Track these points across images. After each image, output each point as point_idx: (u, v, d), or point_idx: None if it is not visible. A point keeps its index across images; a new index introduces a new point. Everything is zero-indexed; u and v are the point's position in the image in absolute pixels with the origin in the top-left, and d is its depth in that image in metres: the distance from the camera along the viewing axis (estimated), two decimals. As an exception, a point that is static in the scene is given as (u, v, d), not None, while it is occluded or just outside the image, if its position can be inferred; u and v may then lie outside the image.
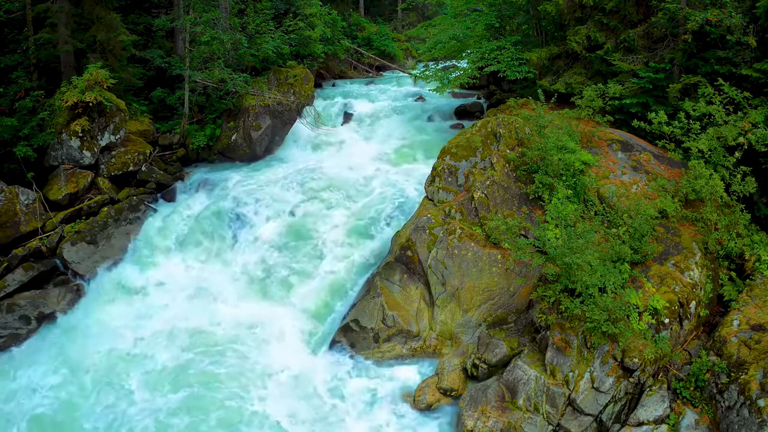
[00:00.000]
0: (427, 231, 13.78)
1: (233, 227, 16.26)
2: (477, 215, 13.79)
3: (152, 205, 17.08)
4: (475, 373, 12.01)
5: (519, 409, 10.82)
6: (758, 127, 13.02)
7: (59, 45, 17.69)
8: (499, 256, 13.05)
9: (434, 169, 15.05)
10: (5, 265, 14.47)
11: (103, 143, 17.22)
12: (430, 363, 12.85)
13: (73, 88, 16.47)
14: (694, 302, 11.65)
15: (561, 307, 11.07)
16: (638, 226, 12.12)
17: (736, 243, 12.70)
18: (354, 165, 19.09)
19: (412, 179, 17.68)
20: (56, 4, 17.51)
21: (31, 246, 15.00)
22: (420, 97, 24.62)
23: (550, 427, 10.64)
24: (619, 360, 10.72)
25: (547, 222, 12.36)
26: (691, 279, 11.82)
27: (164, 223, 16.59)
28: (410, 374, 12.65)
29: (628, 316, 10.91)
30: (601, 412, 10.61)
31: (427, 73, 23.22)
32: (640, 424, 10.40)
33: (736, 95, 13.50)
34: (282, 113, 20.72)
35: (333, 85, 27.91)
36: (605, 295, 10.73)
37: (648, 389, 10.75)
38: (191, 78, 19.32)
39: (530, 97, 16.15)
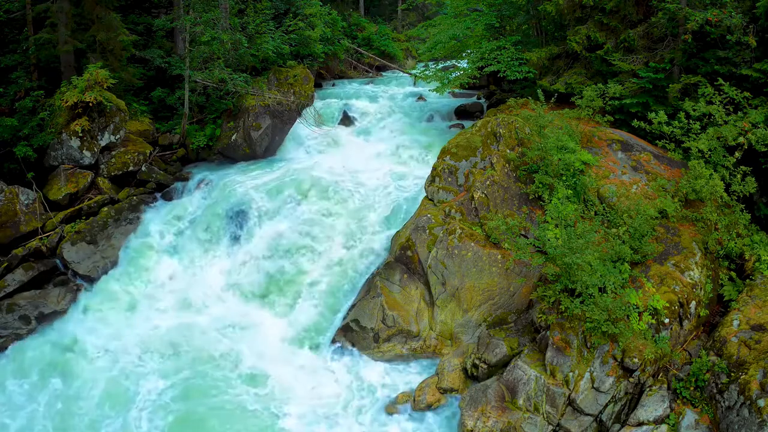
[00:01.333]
0: (427, 231, 13.78)
1: (232, 228, 16.24)
2: (477, 215, 13.79)
3: (152, 205, 17.07)
4: (475, 373, 12.01)
5: (519, 409, 10.82)
6: (758, 127, 13.02)
7: (59, 45, 17.68)
8: (499, 256, 13.05)
9: (434, 169, 15.05)
10: (5, 265, 14.47)
11: (103, 143, 17.22)
12: (430, 363, 12.86)
13: (73, 88, 16.47)
14: (694, 302, 11.65)
15: (561, 307, 11.07)
16: (638, 226, 12.12)
17: (736, 243, 12.70)
18: (354, 165, 19.10)
19: (411, 179, 17.69)
20: (56, 4, 17.52)
21: (31, 246, 15.00)
22: (420, 97, 24.63)
23: (550, 427, 10.64)
24: (619, 360, 10.72)
25: (547, 222, 12.36)
26: (691, 279, 11.82)
27: (163, 223, 16.57)
28: (410, 374, 12.66)
29: (628, 316, 10.91)
30: (601, 412, 10.62)
31: (427, 73, 23.23)
32: (640, 424, 10.40)
33: (736, 95, 13.49)
34: (282, 113, 20.71)
35: (333, 85, 27.92)
36: (605, 295, 10.73)
37: (648, 389, 10.75)
38: (191, 78, 19.32)
39: (530, 97, 16.15)
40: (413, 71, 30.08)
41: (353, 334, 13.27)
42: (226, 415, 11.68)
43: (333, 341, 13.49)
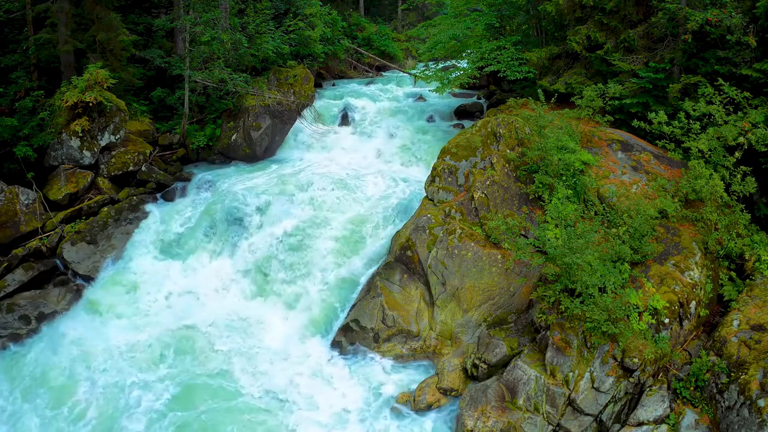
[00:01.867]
0: (427, 231, 13.78)
1: (232, 228, 16.23)
2: (477, 215, 13.79)
3: (152, 205, 17.05)
4: (475, 373, 12.01)
5: (519, 409, 10.82)
6: (758, 127, 13.01)
7: (59, 45, 17.69)
8: (499, 256, 13.05)
9: (434, 169, 15.05)
10: (5, 265, 14.47)
11: (103, 143, 17.23)
12: (430, 363, 12.86)
13: (73, 88, 16.48)
14: (694, 302, 11.65)
15: (561, 307, 11.07)
16: (638, 226, 12.12)
17: (736, 243, 12.69)
18: (354, 165, 19.11)
19: (411, 179, 17.69)
20: (56, 4, 17.53)
21: (31, 246, 15.01)
22: (420, 97, 24.62)
23: (550, 427, 10.64)
24: (619, 360, 10.71)
25: (547, 222, 12.36)
26: (691, 279, 11.82)
27: (164, 223, 16.56)
28: (410, 374, 12.65)
29: (628, 316, 10.91)
30: (601, 412, 10.61)
31: (428, 73, 23.23)
32: (640, 424, 10.40)
33: (736, 95, 13.49)
34: (282, 113, 20.72)
35: (333, 85, 27.91)
36: (605, 295, 10.73)
37: (648, 389, 10.75)
38: (191, 78, 19.32)
39: (530, 97, 16.15)
40: (413, 71, 30.05)
41: (353, 334, 13.26)
42: (228, 420, 11.64)
43: (333, 341, 13.49)
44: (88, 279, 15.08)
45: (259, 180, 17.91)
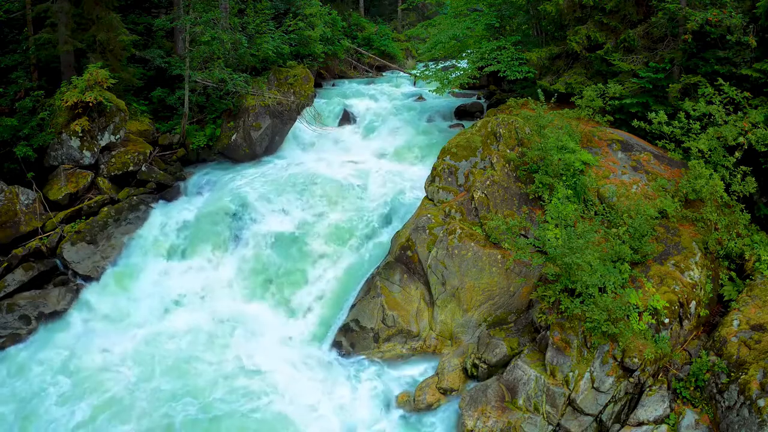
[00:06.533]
0: (427, 231, 13.78)
1: (233, 228, 16.21)
2: (477, 215, 13.79)
3: (152, 206, 17.04)
4: (475, 373, 12.01)
5: (519, 409, 10.82)
6: (758, 127, 13.03)
7: (59, 45, 17.68)
8: (499, 256, 13.05)
9: (434, 169, 15.06)
10: (5, 265, 14.45)
11: (103, 143, 17.21)
12: (430, 363, 12.85)
13: (73, 88, 16.46)
14: (694, 302, 11.65)
15: (561, 307, 11.07)
16: (638, 226, 12.12)
17: (736, 243, 12.70)
18: (353, 165, 19.09)
19: (411, 179, 17.68)
20: (56, 4, 17.51)
21: (31, 246, 14.99)
22: (420, 97, 24.63)
23: (550, 427, 10.64)
24: (619, 360, 10.72)
25: (547, 222, 12.36)
26: (691, 279, 11.82)
27: (163, 223, 16.52)
28: (410, 374, 12.65)
29: (628, 316, 10.91)
30: (601, 412, 10.61)
31: (427, 73, 23.25)
32: (640, 424, 10.40)
33: (736, 95, 13.50)
34: (282, 113, 20.72)
35: (333, 85, 27.92)
36: (605, 295, 10.73)
37: (648, 389, 10.75)
38: (191, 78, 19.31)
39: (530, 97, 16.16)
40: (413, 71, 30.08)
41: (353, 334, 13.26)
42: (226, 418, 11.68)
43: (333, 341, 13.48)
44: (89, 279, 15.06)
45: (259, 180, 17.90)
